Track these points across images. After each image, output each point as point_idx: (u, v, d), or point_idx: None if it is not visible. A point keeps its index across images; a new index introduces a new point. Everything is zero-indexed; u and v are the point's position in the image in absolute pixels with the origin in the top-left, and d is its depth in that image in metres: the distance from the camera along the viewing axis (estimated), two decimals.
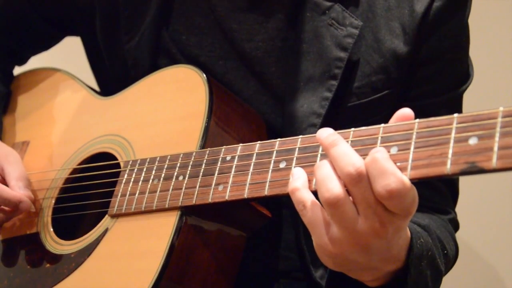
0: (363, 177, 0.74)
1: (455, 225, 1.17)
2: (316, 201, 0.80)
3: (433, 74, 1.10)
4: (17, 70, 1.43)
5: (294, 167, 0.89)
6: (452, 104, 1.05)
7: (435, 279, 0.99)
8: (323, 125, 0.93)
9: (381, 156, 0.74)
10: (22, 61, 1.44)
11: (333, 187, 0.76)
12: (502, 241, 1.66)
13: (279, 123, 1.11)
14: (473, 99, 1.16)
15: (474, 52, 1.16)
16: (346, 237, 0.77)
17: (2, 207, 1.14)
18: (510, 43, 1.67)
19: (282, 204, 1.11)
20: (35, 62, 1.45)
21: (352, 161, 0.75)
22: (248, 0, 1.13)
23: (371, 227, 0.76)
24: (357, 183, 0.75)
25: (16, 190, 1.14)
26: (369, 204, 0.75)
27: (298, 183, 0.81)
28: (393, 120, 0.81)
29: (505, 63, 1.66)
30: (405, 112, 0.80)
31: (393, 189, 0.72)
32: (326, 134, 0.79)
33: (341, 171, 0.76)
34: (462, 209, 1.20)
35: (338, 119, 0.88)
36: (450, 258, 1.08)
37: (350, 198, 0.77)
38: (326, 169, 0.78)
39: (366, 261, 0.81)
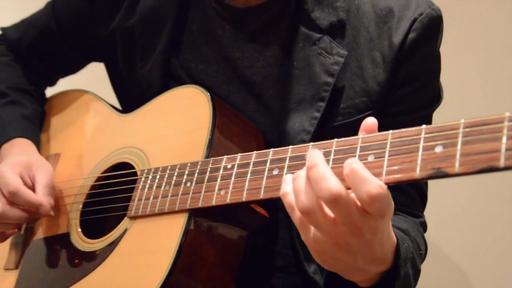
0: (340, 198, 0.71)
1: (424, 228, 1.16)
2: None
3: (408, 95, 1.10)
4: (49, 91, 1.44)
5: (286, 173, 0.88)
6: (423, 121, 1.04)
7: (415, 278, 0.98)
8: (312, 140, 0.93)
9: (358, 166, 0.72)
10: (53, 83, 1.45)
11: (303, 200, 0.74)
12: (464, 241, 1.66)
13: (274, 139, 1.11)
14: (443, 113, 1.16)
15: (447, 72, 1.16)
16: (324, 237, 0.76)
17: (26, 208, 1.14)
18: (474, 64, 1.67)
19: (279, 207, 1.10)
20: (65, 83, 1.46)
21: (328, 185, 0.72)
22: (248, 33, 1.14)
23: (347, 229, 0.74)
24: (336, 203, 0.72)
25: (39, 195, 1.14)
26: (347, 213, 0.72)
27: (288, 188, 0.79)
28: (361, 130, 0.80)
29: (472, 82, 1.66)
30: (369, 121, 0.80)
31: (374, 194, 0.71)
32: (309, 154, 0.76)
33: (319, 193, 0.73)
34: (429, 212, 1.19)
35: (325, 136, 0.88)
36: (423, 257, 1.07)
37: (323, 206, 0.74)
38: (300, 182, 0.76)
39: (351, 261, 0.78)
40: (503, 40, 1.66)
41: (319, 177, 0.73)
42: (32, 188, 1.15)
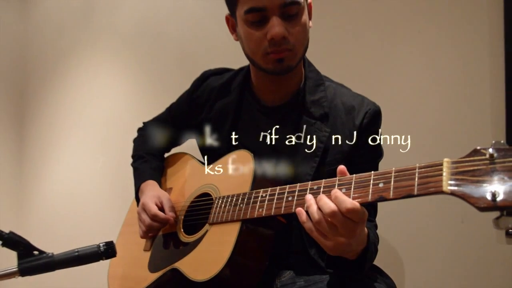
0: (337, 214, 0.76)
1: (376, 227, 1.13)
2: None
3: (364, 153, 1.09)
4: (166, 154, 1.46)
5: (297, 199, 0.89)
6: (373, 168, 1.02)
7: (375, 253, 0.98)
8: (312, 181, 0.92)
9: (339, 194, 0.77)
10: (168, 150, 1.46)
11: (315, 218, 0.80)
12: (405, 237, 1.59)
13: (289, 180, 1.09)
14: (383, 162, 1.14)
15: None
16: (334, 244, 0.80)
17: (160, 223, 1.17)
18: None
19: (293, 217, 1.10)
20: (174, 149, 1.47)
21: (330, 206, 0.78)
22: (274, 120, 1.15)
23: (347, 235, 0.78)
24: (333, 216, 0.76)
25: (167, 214, 1.17)
26: (344, 225, 0.76)
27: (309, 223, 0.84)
28: (338, 173, 0.83)
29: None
30: (341, 167, 0.83)
31: (350, 207, 0.75)
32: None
33: (324, 212, 0.78)
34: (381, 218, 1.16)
35: (319, 177, 0.89)
36: (378, 243, 1.05)
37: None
38: (314, 207, 0.81)
39: (349, 248, 0.81)
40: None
41: (324, 203, 0.79)
42: (162, 210, 1.18)
